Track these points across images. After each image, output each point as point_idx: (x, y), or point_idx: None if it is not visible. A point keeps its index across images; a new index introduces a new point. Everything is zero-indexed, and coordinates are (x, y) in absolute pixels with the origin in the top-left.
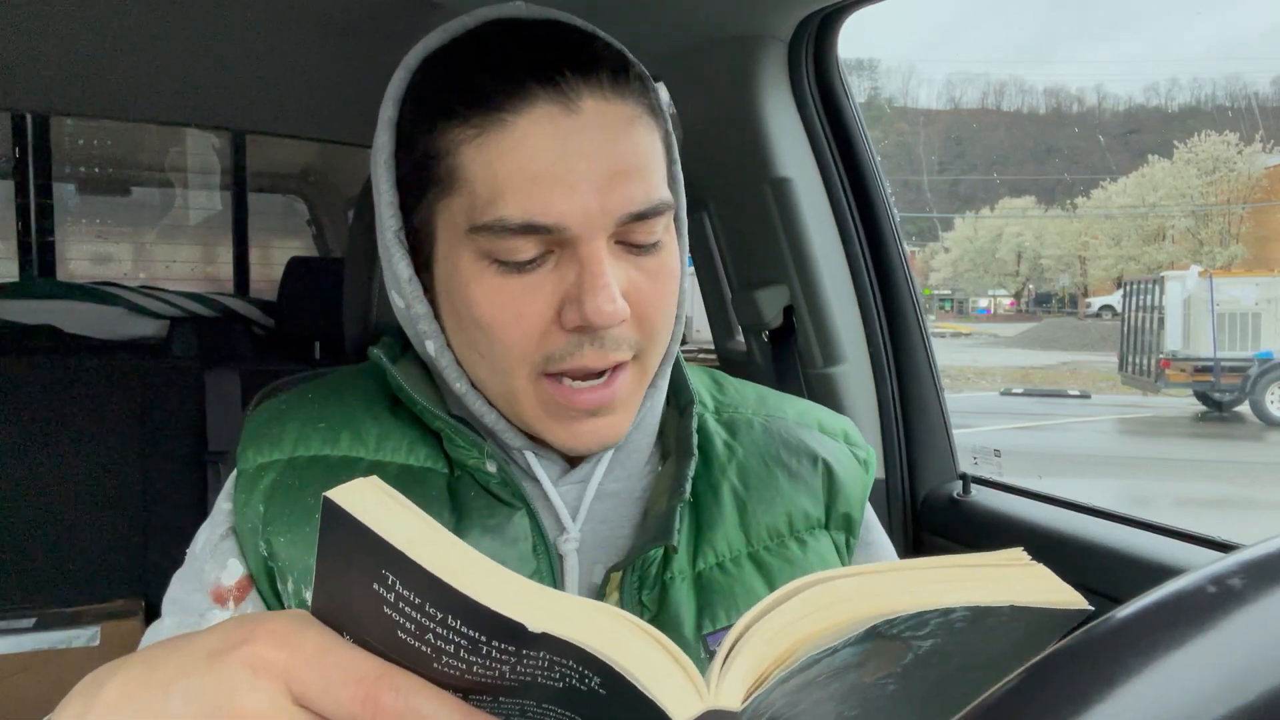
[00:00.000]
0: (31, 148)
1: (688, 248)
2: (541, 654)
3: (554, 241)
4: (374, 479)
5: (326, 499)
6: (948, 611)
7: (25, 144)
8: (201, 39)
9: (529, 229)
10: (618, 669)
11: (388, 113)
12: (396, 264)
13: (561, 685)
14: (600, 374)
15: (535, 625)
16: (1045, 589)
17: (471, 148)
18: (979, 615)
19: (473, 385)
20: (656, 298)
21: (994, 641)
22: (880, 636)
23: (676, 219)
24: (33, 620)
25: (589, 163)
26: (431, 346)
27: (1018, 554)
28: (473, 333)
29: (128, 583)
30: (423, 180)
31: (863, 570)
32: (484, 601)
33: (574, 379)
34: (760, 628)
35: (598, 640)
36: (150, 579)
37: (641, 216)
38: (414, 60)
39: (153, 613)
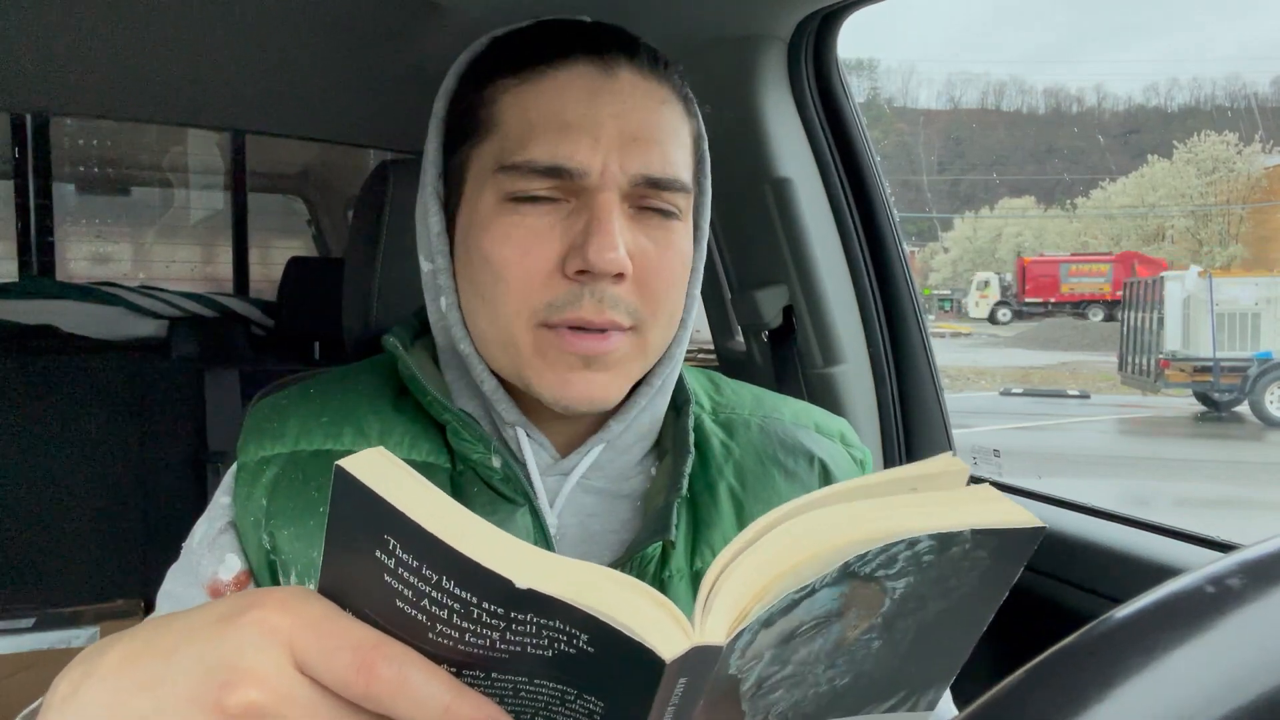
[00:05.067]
0: (31, 148)
1: (704, 253)
2: (529, 616)
3: (571, 189)
4: (382, 449)
5: (338, 467)
6: (913, 543)
7: (25, 144)
8: (201, 39)
9: (553, 171)
10: (603, 618)
11: (448, 84)
12: (430, 218)
13: (551, 653)
14: (598, 331)
15: (522, 581)
16: (1000, 510)
17: (510, 95)
18: (943, 544)
19: (475, 348)
20: (661, 267)
21: (963, 575)
22: (855, 577)
23: (699, 218)
24: (33, 620)
25: (616, 122)
26: (444, 303)
27: (947, 459)
28: (480, 272)
29: (128, 583)
30: (463, 130)
31: (825, 498)
32: (474, 557)
33: (571, 329)
34: (737, 566)
35: (581, 593)
36: (150, 579)
37: (656, 184)
38: (479, 45)
39: (152, 612)
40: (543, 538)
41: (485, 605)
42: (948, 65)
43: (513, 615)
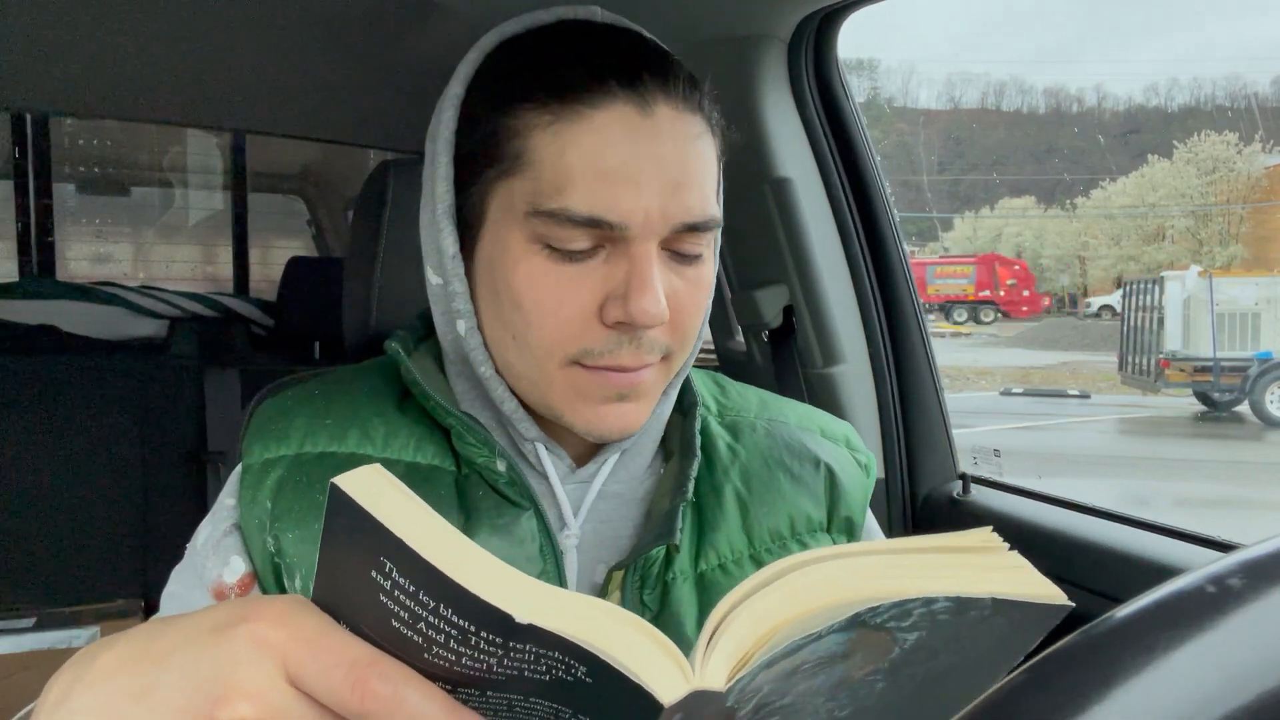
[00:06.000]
0: (31, 148)
1: (717, 262)
2: (528, 646)
3: (608, 237)
4: (378, 467)
5: (333, 485)
6: (930, 601)
7: (25, 144)
8: (201, 39)
9: (592, 223)
10: (603, 657)
11: (454, 90)
12: (444, 239)
13: (548, 678)
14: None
15: (522, 616)
16: (1027, 582)
17: (545, 133)
18: (961, 606)
19: (496, 371)
20: (693, 306)
21: (978, 638)
22: (865, 626)
23: (715, 236)
24: (33, 620)
25: (657, 167)
26: (462, 326)
27: (986, 534)
28: (511, 314)
29: (128, 583)
30: (484, 158)
31: (845, 552)
32: (474, 590)
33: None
34: (743, 610)
35: (583, 631)
36: (150, 579)
37: (694, 228)
38: (488, 44)
39: (152, 612)
40: (548, 541)
41: (483, 634)
42: (948, 65)
43: (511, 645)
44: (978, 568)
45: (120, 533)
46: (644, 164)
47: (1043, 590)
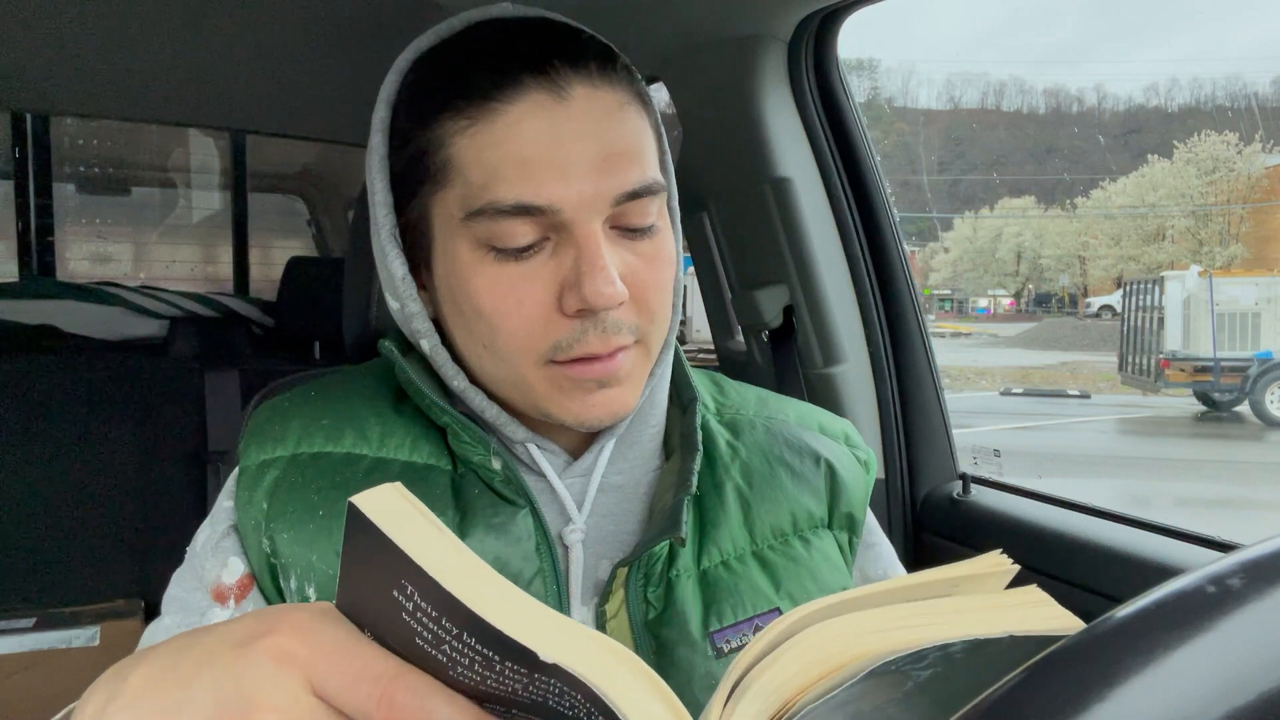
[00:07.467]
0: (31, 148)
1: (682, 238)
2: (553, 681)
3: (550, 226)
4: (398, 486)
5: (351, 504)
6: (946, 645)
7: (25, 144)
8: (201, 39)
9: (522, 210)
10: (619, 715)
11: (380, 114)
12: (391, 263)
13: (570, 715)
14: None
15: (547, 655)
16: (1043, 616)
17: (464, 138)
18: (977, 645)
19: (471, 381)
20: (654, 280)
21: (994, 666)
22: (877, 674)
23: (670, 208)
24: (33, 620)
25: (581, 146)
26: (425, 345)
27: (994, 559)
28: (476, 324)
29: (128, 583)
30: (416, 176)
31: (852, 602)
32: (499, 625)
33: (580, 364)
34: (756, 680)
35: (604, 682)
36: (150, 579)
37: (635, 195)
38: (404, 63)
39: (152, 612)
40: (544, 539)
41: (508, 664)
42: (948, 65)
43: (536, 676)
44: (992, 607)
45: (120, 533)
46: (567, 147)
47: (1059, 622)
